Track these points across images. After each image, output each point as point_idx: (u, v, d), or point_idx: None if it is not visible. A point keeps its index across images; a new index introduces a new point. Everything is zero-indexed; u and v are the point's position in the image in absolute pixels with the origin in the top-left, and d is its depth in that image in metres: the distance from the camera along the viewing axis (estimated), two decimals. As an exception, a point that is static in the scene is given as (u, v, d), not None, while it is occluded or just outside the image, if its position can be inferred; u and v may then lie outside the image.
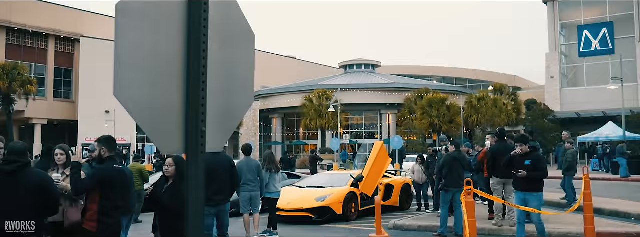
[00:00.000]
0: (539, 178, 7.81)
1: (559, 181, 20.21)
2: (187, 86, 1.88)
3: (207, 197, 6.76)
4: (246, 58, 2.15)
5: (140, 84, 1.81)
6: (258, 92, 55.88)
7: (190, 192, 1.84)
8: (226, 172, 7.33)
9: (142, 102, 1.80)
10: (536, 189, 7.66)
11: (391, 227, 10.38)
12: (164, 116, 1.84)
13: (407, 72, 69.95)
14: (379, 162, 12.04)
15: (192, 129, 1.87)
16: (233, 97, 2.11)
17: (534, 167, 7.63)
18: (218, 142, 2.03)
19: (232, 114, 2.12)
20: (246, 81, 2.16)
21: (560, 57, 44.66)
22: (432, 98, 41.91)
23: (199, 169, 1.87)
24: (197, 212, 1.84)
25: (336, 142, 33.06)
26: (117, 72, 1.78)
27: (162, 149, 1.86)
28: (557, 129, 37.47)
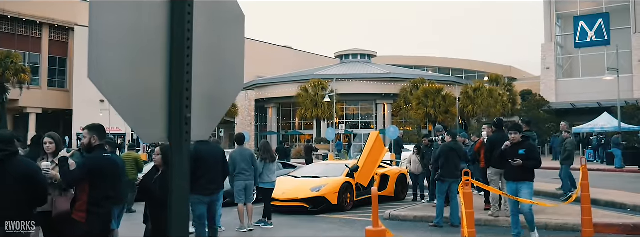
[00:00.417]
0: (533, 167, 7.69)
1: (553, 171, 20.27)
2: (170, 69, 1.73)
3: (202, 186, 6.73)
4: (235, 42, 2.00)
5: (118, 65, 1.66)
6: (253, 81, 55.69)
7: (174, 181, 1.71)
8: (219, 162, 7.27)
9: (121, 85, 1.66)
10: (528, 179, 7.58)
11: (387, 217, 10.33)
12: (145, 101, 1.70)
13: (403, 62, 69.78)
14: (375, 152, 11.96)
15: (175, 115, 1.73)
16: (221, 83, 1.97)
17: (527, 156, 7.53)
18: (204, 130, 1.90)
19: (219, 101, 1.97)
20: (235, 67, 2.00)
21: (556, 47, 44.62)
22: (428, 88, 41.82)
23: (183, 158, 1.73)
24: (182, 201, 1.72)
25: (331, 132, 32.98)
26: (93, 52, 1.62)
27: (144, 137, 1.72)
28: (552, 120, 37.53)
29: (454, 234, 8.63)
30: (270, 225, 9.76)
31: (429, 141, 12.65)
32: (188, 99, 1.74)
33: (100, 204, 4.92)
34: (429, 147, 12.38)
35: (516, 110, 40.77)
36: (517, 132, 7.71)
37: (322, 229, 9.45)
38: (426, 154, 12.41)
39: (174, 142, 1.69)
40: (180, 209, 1.70)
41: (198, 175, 6.79)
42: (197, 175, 6.78)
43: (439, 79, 49.97)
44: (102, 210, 4.95)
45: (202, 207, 6.82)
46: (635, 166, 22.72)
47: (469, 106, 40.85)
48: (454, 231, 8.89)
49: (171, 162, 1.70)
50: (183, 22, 1.71)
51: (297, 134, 52.34)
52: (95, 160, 4.93)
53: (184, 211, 1.72)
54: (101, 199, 4.92)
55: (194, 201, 6.77)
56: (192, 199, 6.81)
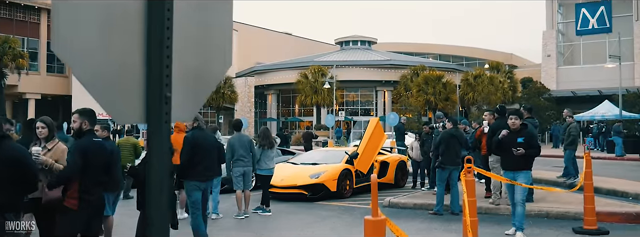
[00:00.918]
0: (534, 155, 7.48)
1: (553, 159, 20.19)
2: (148, 43, 1.56)
3: (200, 172, 6.69)
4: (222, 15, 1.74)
5: (88, 34, 1.47)
6: (253, 68, 55.44)
7: (152, 165, 1.56)
8: (214, 149, 7.19)
9: (92, 60, 1.47)
10: (526, 168, 7.32)
11: (386, 204, 10.23)
12: (119, 78, 1.53)
13: (403, 49, 69.39)
14: (375, 139, 11.84)
15: (154, 94, 1.56)
16: (206, 60, 1.79)
17: (528, 145, 7.27)
18: (187, 111, 1.72)
19: (204, 80, 1.80)
20: (222, 43, 1.81)
21: (557, 35, 44.35)
22: (428, 75, 41.60)
23: (163, 140, 1.57)
24: (161, 187, 1.56)
25: (331, 118, 32.84)
26: (57, 19, 1.43)
27: (118, 117, 1.56)
28: (552, 108, 37.40)
29: (454, 222, 8.53)
30: (268, 212, 9.66)
31: (429, 128, 12.50)
32: (168, 76, 1.57)
33: (91, 191, 4.80)
34: (429, 135, 12.24)
35: (517, 98, 40.62)
36: (517, 118, 7.43)
37: (321, 216, 9.35)
38: (427, 141, 12.27)
39: (152, 123, 1.52)
40: (159, 196, 1.54)
41: (196, 161, 6.70)
42: (194, 161, 6.69)
43: (440, 66, 49.73)
44: (94, 197, 4.83)
45: (198, 193, 6.76)
46: (636, 154, 22.64)
47: (469, 93, 40.68)
48: (454, 219, 8.79)
49: (149, 145, 1.54)
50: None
51: (296, 120, 52.24)
52: (85, 145, 4.79)
53: (164, 198, 1.56)
54: (93, 185, 4.80)
55: (191, 187, 6.73)
56: (189, 186, 6.77)
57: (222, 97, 47.68)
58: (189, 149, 6.69)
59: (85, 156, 4.68)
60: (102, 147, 4.90)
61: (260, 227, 8.58)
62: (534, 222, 8.31)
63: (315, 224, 8.70)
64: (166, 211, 1.57)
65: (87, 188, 4.75)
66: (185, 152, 6.65)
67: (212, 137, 7.43)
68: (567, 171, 12.76)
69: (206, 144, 6.94)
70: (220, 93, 47.55)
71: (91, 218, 4.84)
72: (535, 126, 9.72)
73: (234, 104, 50.62)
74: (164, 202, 1.55)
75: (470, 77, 41.29)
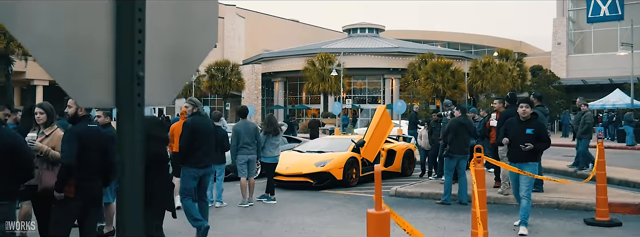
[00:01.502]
0: (543, 149, 7.14)
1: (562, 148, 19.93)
2: (117, 15, 1.35)
3: (198, 158, 6.59)
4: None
5: (48, 7, 1.26)
6: (260, 55, 55.18)
7: (124, 155, 1.37)
8: (213, 135, 7.09)
9: (52, 34, 1.27)
10: (533, 159, 6.92)
11: (392, 194, 10.06)
12: (83, 55, 1.33)
13: (412, 36, 68.85)
14: (381, 127, 11.65)
15: (124, 73, 1.36)
16: (186, 36, 1.58)
17: (536, 137, 6.81)
18: (165, 93, 1.53)
19: (184, 58, 1.59)
20: (206, 17, 1.60)
21: (568, 22, 43.81)
22: (436, 63, 41.23)
23: (134, 127, 1.39)
24: (134, 179, 1.38)
25: (338, 106, 32.63)
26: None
27: (82, 101, 1.37)
28: (562, 96, 37.05)
29: (462, 212, 8.36)
30: (273, 200, 9.52)
31: (438, 116, 12.27)
32: (141, 53, 1.38)
33: (90, 178, 4.66)
34: (438, 123, 12.02)
35: (526, 86, 40.24)
36: (528, 106, 6.98)
37: (327, 205, 9.21)
38: (435, 129, 12.04)
39: (122, 107, 1.33)
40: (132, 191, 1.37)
41: (195, 147, 6.63)
42: (194, 147, 6.62)
43: (448, 54, 49.30)
44: (92, 184, 4.68)
45: (193, 182, 6.71)
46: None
47: (477, 81, 40.30)
48: (462, 209, 8.62)
49: (119, 131, 1.36)
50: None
51: (304, 108, 52.09)
52: (79, 131, 4.64)
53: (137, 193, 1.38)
54: (90, 173, 4.65)
55: (187, 175, 6.66)
56: (186, 172, 6.68)
57: (229, 85, 47.54)
58: (189, 135, 6.62)
59: (80, 143, 4.53)
60: (97, 134, 4.74)
61: (265, 215, 8.45)
62: (545, 213, 8.13)
63: (321, 213, 8.56)
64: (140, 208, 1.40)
65: (83, 175, 4.60)
66: (185, 138, 6.57)
67: (212, 123, 7.33)
68: (578, 160, 12.51)
69: (206, 130, 6.85)
70: (227, 80, 47.41)
71: (88, 206, 4.70)
72: (546, 114, 9.48)
73: (241, 92, 50.48)
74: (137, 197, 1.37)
75: (479, 65, 40.88)
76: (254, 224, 7.84)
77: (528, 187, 6.81)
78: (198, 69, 48.72)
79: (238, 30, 60.03)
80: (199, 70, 49.11)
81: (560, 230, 7.12)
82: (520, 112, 6.99)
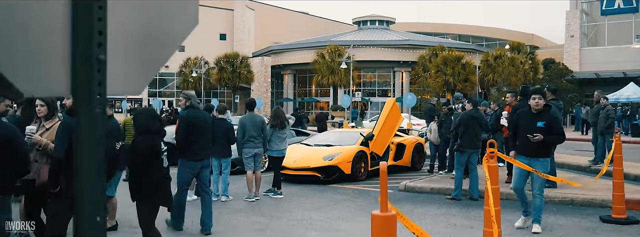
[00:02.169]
0: (555, 143, 6.79)
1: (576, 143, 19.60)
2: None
3: (195, 151, 6.60)
4: None
5: None
6: (270, 47, 54.94)
7: (82, 153, 1.16)
8: (209, 128, 7.06)
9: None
10: (545, 155, 6.46)
11: (402, 188, 9.87)
12: (31, 34, 1.11)
13: (422, 29, 68.29)
14: (391, 120, 11.45)
15: (81, 56, 1.14)
16: (159, 16, 1.35)
17: (549, 130, 6.37)
18: (134, 82, 1.32)
19: (156, 42, 1.36)
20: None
21: (581, 15, 43.18)
22: (447, 56, 40.81)
23: (95, 121, 1.18)
24: (92, 181, 1.18)
25: (347, 99, 32.36)
26: None
27: (30, 88, 1.15)
28: (575, 90, 36.58)
29: (473, 208, 8.15)
30: (279, 195, 9.35)
31: (448, 109, 12.02)
32: (102, 33, 1.16)
33: None
34: (448, 116, 11.77)
35: (538, 80, 39.74)
36: (541, 98, 6.47)
37: (334, 200, 9.03)
38: (445, 123, 11.79)
39: (79, 96, 1.12)
40: (91, 193, 1.17)
41: (191, 140, 6.64)
42: (190, 140, 6.63)
43: (459, 47, 48.84)
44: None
45: (189, 175, 6.77)
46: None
47: (489, 75, 39.85)
48: (474, 205, 8.41)
49: (77, 127, 1.16)
50: None
51: (313, 101, 51.88)
52: (73, 124, 4.48)
53: (97, 194, 1.19)
54: None
55: (184, 168, 6.71)
56: (183, 166, 6.72)
57: (239, 77, 47.44)
58: (185, 128, 6.65)
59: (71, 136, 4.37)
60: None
61: (271, 210, 8.29)
62: (558, 210, 7.90)
63: (328, 208, 8.39)
64: (101, 209, 1.21)
65: None
66: (181, 132, 6.60)
67: (208, 116, 7.30)
68: (597, 156, 12.13)
69: (202, 123, 6.86)
70: (237, 73, 47.29)
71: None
72: (560, 108, 9.22)
73: (250, 84, 50.35)
74: (98, 199, 1.18)
75: (491, 58, 40.42)
76: (259, 219, 7.68)
77: (540, 184, 6.43)
78: (207, 61, 48.58)
79: (248, 22, 59.79)
80: (209, 63, 49.05)
81: (575, 227, 6.90)
82: (533, 104, 6.51)
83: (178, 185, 6.70)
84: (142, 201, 4.81)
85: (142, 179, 4.78)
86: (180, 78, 52.02)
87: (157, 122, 4.91)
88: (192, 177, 6.89)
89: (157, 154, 4.77)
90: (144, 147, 4.72)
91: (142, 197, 4.80)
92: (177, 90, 55.38)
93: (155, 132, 4.84)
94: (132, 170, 4.88)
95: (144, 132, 4.82)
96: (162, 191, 4.82)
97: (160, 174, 4.79)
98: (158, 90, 57.19)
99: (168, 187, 4.95)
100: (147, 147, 4.70)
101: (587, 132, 26.57)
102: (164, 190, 4.84)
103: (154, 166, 4.75)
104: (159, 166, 4.79)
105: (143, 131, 4.82)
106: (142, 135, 4.81)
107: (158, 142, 4.82)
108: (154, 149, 4.75)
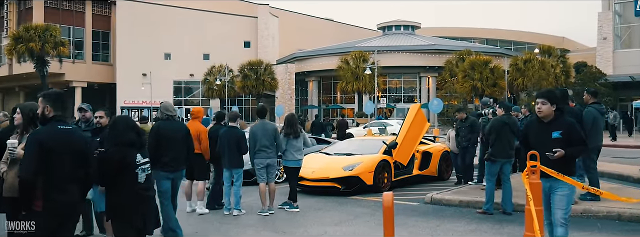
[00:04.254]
0: (578, 156, 5.37)
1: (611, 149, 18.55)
2: None
3: (165, 163, 6.60)
4: None
5: None
6: (294, 54, 54.60)
7: None
8: (181, 140, 6.91)
9: None
10: (569, 173, 4.87)
11: (428, 201, 9.12)
12: None
13: (448, 34, 67.30)
14: (415, 127, 10.74)
15: None
16: None
17: (567, 141, 4.88)
18: None
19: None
20: None
21: (614, 16, 41.91)
22: (475, 60, 39.92)
23: None
24: None
25: (370, 105, 31.64)
26: None
27: None
28: (609, 94, 35.32)
29: (506, 224, 7.39)
30: (295, 208, 8.70)
31: (463, 115, 11.13)
32: None
33: (61, 189, 3.92)
34: (463, 123, 10.93)
35: (570, 83, 38.57)
36: (544, 102, 4.99)
37: (354, 214, 8.35)
38: (460, 130, 10.95)
39: None
40: None
41: (160, 152, 6.61)
42: (159, 152, 6.60)
43: (487, 51, 47.83)
44: (65, 196, 3.94)
45: (167, 182, 6.64)
46: None
47: (518, 79, 38.81)
48: (507, 220, 7.64)
49: None
50: None
51: (338, 107, 51.29)
52: (44, 134, 3.91)
53: None
54: (62, 182, 3.92)
55: (159, 177, 6.52)
56: (157, 175, 6.53)
57: (263, 84, 47.14)
58: (153, 140, 6.67)
59: (43, 149, 3.80)
60: (69, 136, 4.00)
61: (284, 225, 7.65)
62: (603, 226, 7.07)
63: (347, 223, 7.72)
64: None
65: (53, 185, 3.87)
66: (150, 144, 6.56)
67: (181, 128, 7.16)
68: None
69: (172, 135, 6.82)
70: (261, 80, 46.99)
71: (62, 221, 3.97)
72: (602, 113, 8.41)
73: (275, 91, 50.00)
74: None
75: (520, 62, 39.40)
76: (270, 235, 7.07)
77: (565, 209, 4.83)
78: (231, 69, 48.38)
79: (271, 29, 59.58)
80: (233, 70, 48.87)
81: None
82: (537, 110, 5.07)
83: (160, 196, 6.43)
84: (115, 220, 4.26)
85: (112, 195, 4.24)
86: (205, 86, 51.96)
87: (134, 133, 4.34)
88: (170, 186, 6.71)
89: (129, 167, 4.21)
90: (114, 159, 4.19)
91: (114, 215, 4.26)
92: (202, 98, 55.38)
93: (128, 144, 4.28)
94: (101, 184, 4.40)
95: (117, 143, 4.27)
96: (138, 210, 4.25)
97: (132, 190, 4.23)
98: (183, 98, 57.29)
99: (146, 206, 4.35)
100: (117, 160, 4.18)
101: (615, 138, 25.40)
102: (139, 209, 4.26)
103: (126, 180, 4.20)
104: (132, 180, 4.23)
105: (117, 142, 4.28)
106: (116, 146, 4.27)
107: (131, 154, 4.26)
108: (126, 162, 4.20)
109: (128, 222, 4.23)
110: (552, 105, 4.96)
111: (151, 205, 4.48)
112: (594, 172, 8.31)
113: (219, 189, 8.90)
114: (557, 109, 4.98)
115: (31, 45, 38.88)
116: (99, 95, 58.69)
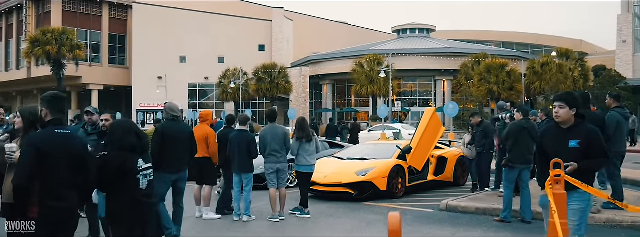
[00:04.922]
0: (598, 168, 4.90)
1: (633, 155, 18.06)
2: None
3: (168, 164, 6.52)
4: None
5: None
6: (308, 57, 54.46)
7: None
8: (186, 141, 6.86)
9: None
10: (586, 184, 4.38)
11: (443, 208, 8.84)
12: None
13: (464, 36, 66.73)
14: (430, 132, 10.48)
15: None
16: None
17: (585, 152, 4.39)
18: None
19: None
20: None
21: (634, 19, 41.23)
22: (491, 63, 39.42)
23: None
24: None
25: (384, 109, 31.33)
26: None
27: None
28: (629, 98, 34.67)
29: (524, 233, 7.11)
30: (307, 214, 8.48)
31: (478, 120, 10.77)
32: None
33: (58, 196, 3.75)
34: (478, 127, 10.58)
35: (588, 87, 37.94)
36: (562, 105, 4.51)
37: (366, 221, 8.11)
38: (476, 135, 10.57)
39: None
40: None
41: (166, 152, 6.59)
42: (164, 152, 6.57)
43: (503, 54, 47.29)
44: (62, 203, 3.77)
45: (164, 186, 6.55)
46: None
47: (535, 82, 38.26)
48: (525, 228, 7.36)
49: None
50: None
51: (352, 111, 51.02)
52: (40, 138, 3.75)
53: None
54: (59, 188, 3.75)
55: (160, 180, 6.28)
56: (158, 178, 6.17)
57: (277, 88, 47.01)
58: (158, 141, 6.64)
59: (40, 153, 3.64)
60: (67, 141, 3.83)
61: (294, 232, 7.44)
62: (629, 236, 6.77)
63: (358, 230, 7.50)
64: None
65: (50, 191, 3.71)
66: (154, 144, 6.56)
67: (186, 129, 7.11)
68: None
69: (177, 135, 6.77)
70: (275, 83, 46.87)
71: (58, 229, 3.80)
72: (626, 118, 8.09)
73: (289, 95, 49.87)
74: None
75: (537, 65, 38.85)
76: (280, 243, 6.85)
77: (579, 222, 4.33)
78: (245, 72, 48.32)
79: (286, 32, 59.49)
80: (247, 74, 48.85)
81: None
82: (554, 116, 4.64)
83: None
84: (114, 226, 4.10)
85: (111, 200, 4.07)
86: (220, 89, 51.99)
87: (134, 137, 4.16)
88: (167, 190, 6.66)
89: (129, 173, 4.04)
90: (114, 165, 4.01)
91: (113, 221, 4.09)
92: (216, 101, 55.43)
93: (129, 149, 4.10)
94: (100, 190, 4.24)
95: (117, 148, 4.10)
96: (137, 217, 4.07)
97: (132, 197, 4.05)
98: (198, 101, 57.38)
99: (146, 213, 4.17)
100: (117, 165, 4.01)
101: (635, 143, 24.79)
102: (139, 216, 4.09)
103: (126, 186, 4.03)
104: (132, 186, 4.06)
105: (116, 147, 4.11)
106: (115, 151, 4.10)
107: (132, 159, 4.08)
108: (126, 167, 4.03)
109: (126, 228, 4.06)
110: (572, 109, 4.48)
111: (152, 212, 4.30)
112: (618, 180, 7.99)
113: (230, 194, 8.72)
114: (577, 114, 4.51)
115: (48, 48, 39.21)
116: (115, 98, 59.04)
